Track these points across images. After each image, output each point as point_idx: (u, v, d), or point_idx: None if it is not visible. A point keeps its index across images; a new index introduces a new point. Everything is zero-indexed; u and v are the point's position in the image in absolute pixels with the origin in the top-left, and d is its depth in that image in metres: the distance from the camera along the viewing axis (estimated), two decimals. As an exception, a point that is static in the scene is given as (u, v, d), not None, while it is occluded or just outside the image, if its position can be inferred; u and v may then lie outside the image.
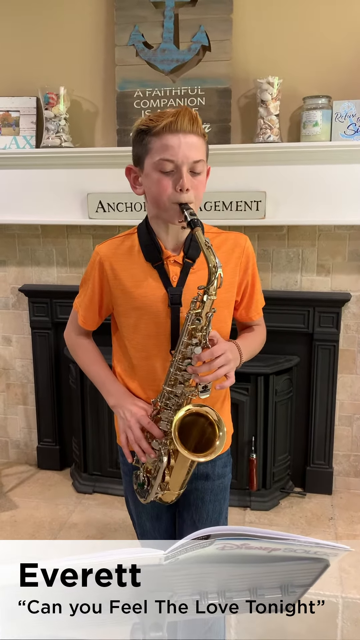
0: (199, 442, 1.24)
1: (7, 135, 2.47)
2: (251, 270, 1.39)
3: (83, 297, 1.42)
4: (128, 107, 2.35)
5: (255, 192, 2.23)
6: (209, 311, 1.18)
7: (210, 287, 1.15)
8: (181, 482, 1.32)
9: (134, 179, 1.31)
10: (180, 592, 0.83)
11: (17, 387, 2.83)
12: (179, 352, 1.22)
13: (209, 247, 1.14)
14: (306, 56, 2.25)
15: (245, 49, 2.29)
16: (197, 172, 1.22)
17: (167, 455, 1.27)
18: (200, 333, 1.19)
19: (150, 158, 1.22)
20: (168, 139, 1.19)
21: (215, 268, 1.14)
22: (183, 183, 1.19)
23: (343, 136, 2.18)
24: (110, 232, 2.51)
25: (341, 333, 2.45)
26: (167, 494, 1.33)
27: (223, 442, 1.20)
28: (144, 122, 1.24)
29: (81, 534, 2.28)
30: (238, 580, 0.85)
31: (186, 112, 1.19)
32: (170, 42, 2.29)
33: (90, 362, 1.46)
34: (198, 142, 1.21)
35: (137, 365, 1.35)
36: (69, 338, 1.50)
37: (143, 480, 1.35)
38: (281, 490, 2.51)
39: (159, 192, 1.22)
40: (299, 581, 0.88)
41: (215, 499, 1.44)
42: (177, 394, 1.25)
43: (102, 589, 0.77)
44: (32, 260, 2.65)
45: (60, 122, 2.36)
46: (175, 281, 1.29)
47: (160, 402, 1.28)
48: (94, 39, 2.40)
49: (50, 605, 0.77)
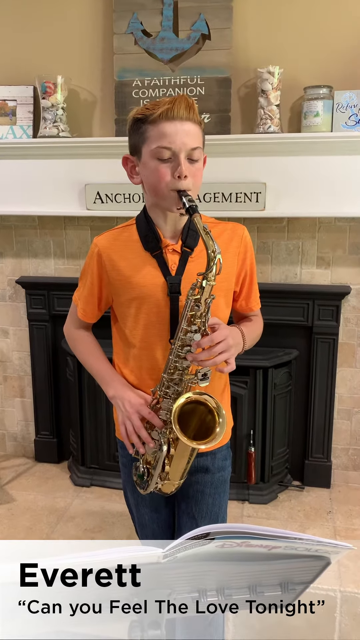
0: (199, 430, 1.24)
1: (4, 125, 2.44)
2: (249, 260, 1.39)
3: (82, 289, 1.41)
4: (126, 96, 2.31)
5: (255, 183, 2.20)
6: (208, 297, 1.17)
7: (209, 273, 1.15)
8: (181, 471, 1.31)
9: (131, 168, 1.31)
10: (179, 590, 0.82)
11: (15, 379, 2.82)
12: (178, 339, 1.22)
13: (208, 232, 1.14)
14: (307, 46, 2.22)
15: (246, 38, 2.25)
16: (194, 159, 1.22)
17: (167, 444, 1.26)
18: (199, 319, 1.19)
19: (148, 146, 1.22)
20: (165, 126, 1.19)
21: (214, 253, 1.13)
22: (181, 170, 1.19)
23: (344, 127, 2.15)
24: (108, 223, 2.49)
25: (341, 326, 2.43)
26: (166, 485, 1.32)
27: (223, 429, 1.19)
28: (140, 111, 1.23)
29: (79, 527, 2.27)
30: (238, 578, 0.84)
31: (182, 99, 1.19)
32: (170, 30, 2.25)
33: (89, 354, 1.45)
34: (195, 130, 1.21)
35: (138, 356, 1.35)
36: (68, 331, 1.49)
37: (143, 472, 1.35)
38: (279, 483, 2.51)
39: (156, 179, 1.22)
40: (299, 579, 0.87)
41: (215, 492, 1.43)
42: (176, 382, 1.24)
43: (101, 588, 0.75)
44: (30, 252, 2.63)
45: (57, 112, 2.33)
46: (174, 270, 1.29)
47: (159, 391, 1.27)
48: (92, 27, 2.36)
49: (50, 605, 0.76)
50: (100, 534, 2.23)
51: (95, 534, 2.23)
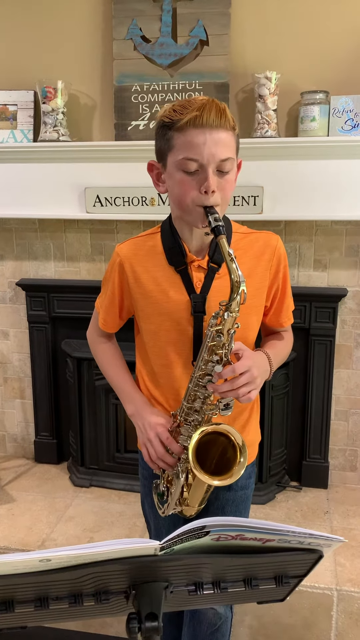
0: (219, 461, 1.18)
1: (4, 129, 2.46)
2: (282, 273, 1.29)
3: (103, 297, 1.36)
4: (126, 101, 2.34)
5: (252, 187, 2.23)
6: (230, 328, 1.10)
7: (232, 303, 1.07)
8: (200, 498, 1.27)
9: (157, 175, 1.21)
10: (175, 582, 0.84)
11: (15, 381, 2.84)
12: (199, 369, 1.15)
13: (233, 258, 1.05)
14: (304, 51, 2.25)
15: (244, 44, 2.28)
16: (224, 171, 1.12)
17: (185, 472, 1.21)
18: (221, 350, 1.11)
19: (173, 156, 1.12)
20: (192, 135, 1.08)
21: (239, 283, 1.05)
22: (208, 185, 1.09)
23: (340, 131, 2.18)
24: (107, 226, 2.52)
25: (338, 328, 2.45)
26: (186, 509, 1.29)
27: (243, 468, 1.13)
28: (167, 113, 1.13)
29: (78, 526, 2.29)
30: (233, 571, 0.86)
31: (212, 105, 1.08)
32: (169, 36, 2.28)
33: (110, 366, 1.40)
34: (227, 138, 1.11)
35: (158, 373, 1.30)
36: (91, 338, 1.44)
37: (163, 491, 1.30)
38: (277, 484, 2.53)
39: (181, 193, 1.13)
40: (293, 572, 0.89)
41: (237, 510, 1.38)
42: (197, 409, 1.18)
43: (99, 579, 0.78)
44: (30, 255, 2.65)
45: (57, 116, 2.35)
46: (199, 287, 1.21)
47: (180, 417, 1.22)
48: (91, 33, 2.39)
49: (49, 594, 0.78)
50: (100, 533, 2.25)
51: (94, 534, 2.25)
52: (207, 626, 1.44)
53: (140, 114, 2.34)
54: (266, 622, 1.94)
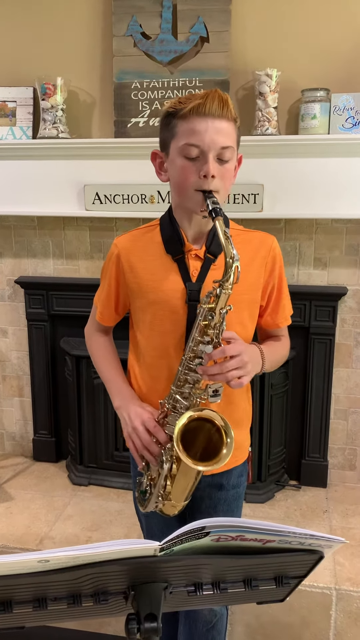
0: (206, 449, 1.16)
1: (3, 126, 2.45)
2: (278, 272, 1.31)
3: (101, 291, 1.37)
4: (125, 98, 2.33)
5: (252, 184, 2.22)
6: (223, 307, 1.10)
7: (225, 281, 1.08)
8: (185, 492, 1.24)
9: (159, 164, 1.24)
10: (175, 583, 0.83)
11: (13, 379, 2.83)
12: (190, 350, 1.15)
13: (228, 237, 1.08)
14: (305, 48, 2.24)
15: (244, 41, 2.27)
16: (224, 159, 1.15)
17: (170, 462, 1.19)
18: (212, 330, 1.12)
19: (176, 142, 1.16)
20: (195, 122, 1.12)
21: (232, 260, 1.07)
22: (208, 169, 1.12)
23: (341, 129, 2.17)
24: (107, 224, 2.51)
25: (337, 327, 2.45)
26: (167, 505, 1.25)
27: (230, 450, 1.11)
28: (172, 104, 1.17)
29: (76, 525, 2.29)
30: (233, 572, 0.85)
31: (216, 95, 1.12)
32: (169, 32, 2.27)
33: (102, 360, 1.40)
34: (228, 128, 1.14)
35: (153, 364, 1.29)
36: (88, 333, 1.45)
37: (145, 488, 1.29)
38: (276, 483, 2.52)
39: (182, 178, 1.16)
40: (293, 572, 0.88)
41: (229, 509, 1.38)
42: (185, 396, 1.17)
43: (98, 580, 0.77)
44: (28, 252, 2.64)
45: (57, 113, 2.34)
46: (195, 276, 1.22)
47: (167, 404, 1.21)
48: (91, 29, 2.38)
49: (47, 595, 0.77)
50: (98, 532, 2.24)
51: (92, 533, 2.24)
52: (203, 624, 1.45)
53: (140, 111, 2.32)
54: (265, 621, 1.94)
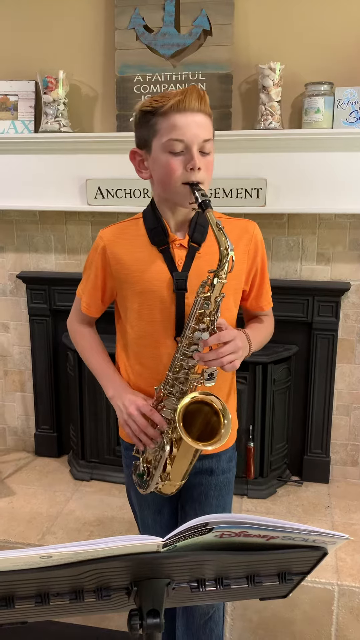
0: (203, 431, 1.22)
1: (5, 120, 2.44)
2: (260, 257, 1.35)
3: (86, 283, 1.39)
4: (128, 92, 2.32)
5: (255, 179, 2.21)
6: (218, 295, 1.15)
7: (220, 271, 1.12)
8: (183, 472, 1.29)
9: (139, 162, 1.28)
10: (178, 579, 0.83)
11: (15, 374, 2.83)
12: (186, 338, 1.19)
13: (221, 228, 1.11)
14: (308, 42, 2.22)
15: (247, 34, 2.26)
16: (206, 151, 1.20)
17: (170, 444, 1.24)
18: (208, 318, 1.16)
19: (158, 139, 1.19)
20: (176, 118, 1.16)
21: (227, 250, 1.11)
22: (194, 162, 1.16)
23: (345, 123, 2.15)
24: (109, 218, 2.49)
25: (340, 322, 2.44)
26: (167, 485, 1.30)
27: (228, 431, 1.17)
28: (148, 103, 1.20)
29: (78, 521, 2.29)
30: (236, 568, 0.85)
31: (193, 90, 1.17)
32: (171, 25, 2.26)
33: (90, 350, 1.42)
34: (206, 121, 1.19)
35: (141, 353, 1.32)
36: (71, 326, 1.47)
37: (143, 471, 1.32)
38: (278, 478, 2.52)
39: (168, 173, 1.19)
40: (296, 569, 0.88)
41: (219, 494, 1.41)
42: (181, 381, 1.22)
43: (100, 575, 0.77)
44: (30, 247, 2.64)
45: (59, 107, 2.33)
46: (181, 265, 1.26)
47: (164, 390, 1.25)
48: (93, 22, 2.37)
49: (50, 590, 0.77)
50: (100, 527, 2.25)
51: (94, 528, 2.24)
52: (200, 616, 1.47)
53: (143, 105, 2.31)
54: (266, 617, 1.94)
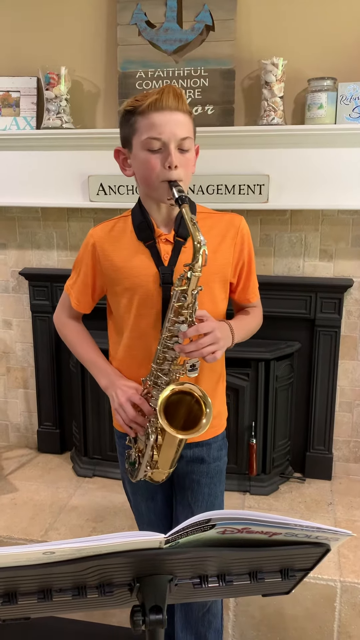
0: (187, 420, 1.25)
1: (7, 116, 2.43)
2: (247, 250, 1.38)
3: (75, 279, 1.42)
4: (130, 88, 2.31)
5: (258, 175, 2.20)
6: (194, 288, 1.18)
7: (195, 264, 1.16)
8: (170, 460, 1.32)
9: (123, 161, 1.33)
10: (180, 575, 0.83)
11: (18, 370, 2.83)
12: (166, 330, 1.23)
13: (194, 223, 1.15)
14: (311, 37, 2.21)
15: (250, 29, 2.24)
16: (185, 149, 1.23)
17: (155, 433, 1.28)
18: (186, 311, 1.19)
19: (138, 138, 1.23)
20: (154, 117, 1.20)
21: (200, 244, 1.14)
22: (171, 160, 1.20)
23: (348, 119, 2.14)
24: (111, 215, 2.45)
25: (343, 319, 2.43)
26: (156, 473, 1.34)
27: (209, 419, 1.20)
28: (129, 102, 1.25)
29: (81, 517, 2.29)
30: (238, 564, 0.85)
31: (170, 90, 1.20)
32: (174, 21, 2.24)
33: (80, 343, 1.46)
34: (184, 119, 1.22)
35: (132, 346, 1.36)
36: (58, 320, 1.50)
37: (134, 459, 1.37)
38: (281, 475, 2.52)
39: (147, 171, 1.23)
40: (299, 565, 0.88)
41: (211, 482, 1.45)
42: (165, 372, 1.25)
43: (103, 571, 0.77)
44: (33, 244, 2.63)
45: (61, 103, 2.32)
46: (167, 260, 1.30)
47: (149, 381, 1.29)
48: (95, 18, 2.36)
49: (53, 586, 0.77)
50: (102, 524, 2.25)
51: (97, 524, 2.24)
52: (198, 608, 1.50)
53: (145, 101, 2.30)
54: (269, 613, 1.94)
